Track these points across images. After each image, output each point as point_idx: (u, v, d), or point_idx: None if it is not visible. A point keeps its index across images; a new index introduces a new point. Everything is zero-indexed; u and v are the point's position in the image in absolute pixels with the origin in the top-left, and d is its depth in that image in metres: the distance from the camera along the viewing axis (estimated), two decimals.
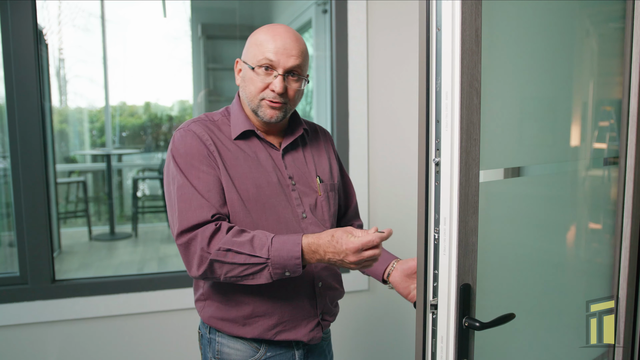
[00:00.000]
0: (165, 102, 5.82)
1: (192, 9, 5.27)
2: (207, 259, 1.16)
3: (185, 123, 1.32)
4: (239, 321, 1.31)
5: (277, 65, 1.24)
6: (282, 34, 1.26)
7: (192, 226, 1.18)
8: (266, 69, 1.25)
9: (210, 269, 1.17)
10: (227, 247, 1.15)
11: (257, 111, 1.29)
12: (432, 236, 1.09)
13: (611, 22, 1.47)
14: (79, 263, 4.19)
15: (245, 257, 1.15)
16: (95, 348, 2.25)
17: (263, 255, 1.14)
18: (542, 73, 1.33)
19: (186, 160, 1.24)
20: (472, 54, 1.01)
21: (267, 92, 1.26)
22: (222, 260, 1.15)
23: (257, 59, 1.25)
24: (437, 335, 1.09)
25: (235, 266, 1.16)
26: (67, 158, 5.54)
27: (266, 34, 1.26)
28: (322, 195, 1.38)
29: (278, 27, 1.28)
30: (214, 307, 1.33)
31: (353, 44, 2.45)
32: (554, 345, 1.43)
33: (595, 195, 1.53)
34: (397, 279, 1.39)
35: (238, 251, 1.15)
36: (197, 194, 1.21)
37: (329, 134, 1.52)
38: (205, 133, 1.28)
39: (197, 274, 1.18)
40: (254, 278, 1.17)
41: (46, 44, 4.17)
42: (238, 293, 1.30)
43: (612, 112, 1.47)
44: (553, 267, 1.44)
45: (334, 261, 1.15)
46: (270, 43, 1.24)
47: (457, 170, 1.02)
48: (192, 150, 1.25)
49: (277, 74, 1.24)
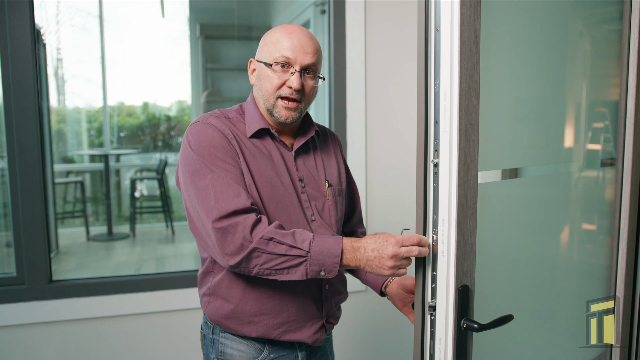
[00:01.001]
0: (163, 102, 5.82)
1: (190, 9, 5.27)
2: (248, 247, 1.13)
3: (201, 117, 1.30)
4: (244, 318, 1.30)
5: (294, 62, 1.25)
6: (298, 32, 1.27)
7: (232, 212, 1.15)
8: (283, 66, 1.25)
9: (248, 257, 1.14)
10: (269, 236, 1.14)
11: (273, 111, 1.29)
12: (431, 237, 1.09)
13: (605, 24, 1.47)
14: (76, 263, 4.18)
15: (286, 248, 1.13)
16: (92, 349, 2.25)
17: (304, 247, 1.13)
18: (538, 75, 1.33)
19: (210, 152, 1.22)
20: (471, 55, 1.01)
21: (284, 89, 1.26)
22: (263, 249, 1.13)
23: (274, 56, 1.25)
24: (435, 337, 1.09)
25: (274, 257, 1.14)
26: (64, 158, 5.54)
27: (282, 33, 1.27)
28: (330, 199, 1.37)
29: (293, 26, 1.29)
30: (219, 302, 1.32)
31: (351, 45, 2.45)
32: (551, 346, 1.43)
33: (593, 196, 1.53)
34: (394, 291, 1.41)
35: (280, 241, 1.13)
36: (232, 183, 1.19)
37: (338, 138, 1.52)
38: (225, 127, 1.27)
39: (233, 262, 1.15)
40: (288, 273, 1.15)
41: (44, 44, 4.17)
42: (246, 289, 1.29)
43: (607, 114, 1.47)
44: (551, 269, 1.44)
45: (372, 258, 1.13)
46: (287, 41, 1.25)
47: (456, 172, 1.02)
48: (214, 142, 1.24)
49: (294, 71, 1.25)
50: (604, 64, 1.48)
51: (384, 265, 1.12)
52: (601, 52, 1.47)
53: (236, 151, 1.25)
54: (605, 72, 1.49)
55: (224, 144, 1.24)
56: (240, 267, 1.16)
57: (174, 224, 5.08)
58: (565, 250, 1.49)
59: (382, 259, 1.12)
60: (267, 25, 4.37)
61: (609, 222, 1.46)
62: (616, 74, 1.43)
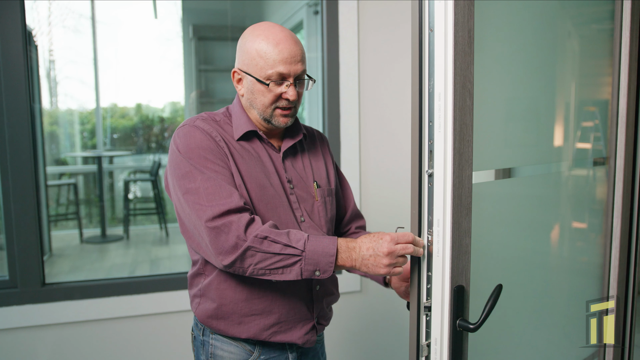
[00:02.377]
0: (156, 104, 5.80)
1: (183, 10, 5.25)
2: (243, 246, 1.13)
3: (188, 120, 1.30)
4: (234, 319, 1.30)
5: (288, 75, 1.24)
6: (284, 41, 1.24)
7: (226, 211, 1.15)
8: (276, 83, 1.25)
9: (242, 256, 1.14)
10: (264, 235, 1.13)
11: (271, 120, 1.29)
12: (426, 238, 1.09)
13: (594, 23, 1.48)
14: (69, 266, 4.15)
15: (281, 247, 1.13)
16: (86, 352, 2.23)
17: (299, 247, 1.13)
18: (529, 75, 1.34)
19: (199, 154, 1.22)
20: (465, 55, 1.01)
21: (281, 101, 1.27)
22: (258, 247, 1.13)
23: (267, 72, 1.24)
24: (431, 337, 1.09)
25: (268, 256, 1.13)
26: (57, 160, 5.50)
27: (267, 43, 1.23)
28: (319, 200, 1.38)
29: (276, 32, 1.25)
30: (210, 304, 1.31)
31: (344, 45, 2.45)
32: (546, 345, 1.44)
33: (587, 195, 1.54)
34: (397, 284, 1.40)
35: (275, 240, 1.13)
36: (224, 184, 1.19)
37: (325, 138, 1.52)
38: (213, 130, 1.27)
39: (227, 261, 1.15)
40: (283, 272, 1.15)
41: (36, 46, 4.14)
42: (237, 290, 1.29)
43: (597, 113, 1.48)
44: (545, 268, 1.45)
45: (367, 257, 1.13)
46: (276, 54, 1.23)
47: (450, 172, 1.02)
48: (203, 144, 1.23)
49: (288, 84, 1.25)
50: (594, 64, 1.48)
51: (379, 264, 1.12)
52: (591, 52, 1.48)
53: (225, 153, 1.25)
54: (594, 72, 1.50)
55: (212, 146, 1.24)
56: (235, 266, 1.16)
57: (167, 225, 5.07)
58: (560, 249, 1.50)
59: (377, 257, 1.12)
60: None
61: (601, 220, 1.47)
62: (606, 73, 1.44)
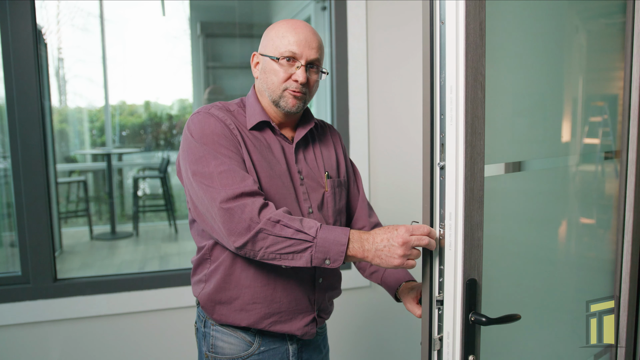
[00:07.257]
0: (165, 101, 5.82)
1: (191, 7, 5.26)
2: (255, 228, 1.13)
3: (203, 108, 1.31)
4: (236, 305, 1.31)
5: (300, 56, 1.27)
6: (303, 28, 1.29)
7: (240, 194, 1.16)
8: (288, 60, 1.27)
9: (254, 238, 1.14)
10: (277, 218, 1.14)
11: (279, 102, 1.31)
12: (438, 231, 1.09)
13: (602, 17, 1.47)
14: (80, 262, 4.19)
15: (293, 232, 1.13)
16: (97, 347, 2.25)
17: (311, 233, 1.13)
18: (540, 68, 1.33)
19: (213, 139, 1.23)
20: (476, 48, 1.01)
21: (290, 83, 1.29)
22: (270, 230, 1.13)
23: (280, 50, 1.27)
24: (443, 331, 1.09)
25: (280, 240, 1.14)
26: (67, 158, 5.54)
27: (287, 27, 1.29)
28: (328, 191, 1.39)
29: (297, 21, 1.31)
30: (214, 288, 1.32)
31: (353, 41, 2.44)
32: (557, 340, 1.43)
33: (596, 191, 1.53)
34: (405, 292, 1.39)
35: (287, 224, 1.14)
36: (237, 169, 1.20)
37: (337, 132, 1.53)
38: (227, 118, 1.29)
39: (239, 242, 1.15)
40: (293, 258, 1.15)
41: (45, 44, 4.17)
42: (241, 277, 1.30)
43: (606, 107, 1.47)
44: (557, 263, 1.44)
45: (382, 248, 1.11)
46: (293, 35, 1.27)
47: (463, 165, 1.02)
48: (216, 130, 1.25)
49: (299, 65, 1.28)
50: (602, 58, 1.47)
51: (394, 254, 1.10)
52: (599, 46, 1.47)
53: (238, 141, 1.26)
54: (603, 66, 1.48)
55: (226, 133, 1.25)
56: (246, 248, 1.16)
57: (177, 222, 5.09)
58: (571, 245, 1.49)
59: (392, 247, 1.10)
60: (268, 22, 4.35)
61: (610, 216, 1.46)
62: (615, 67, 1.43)
